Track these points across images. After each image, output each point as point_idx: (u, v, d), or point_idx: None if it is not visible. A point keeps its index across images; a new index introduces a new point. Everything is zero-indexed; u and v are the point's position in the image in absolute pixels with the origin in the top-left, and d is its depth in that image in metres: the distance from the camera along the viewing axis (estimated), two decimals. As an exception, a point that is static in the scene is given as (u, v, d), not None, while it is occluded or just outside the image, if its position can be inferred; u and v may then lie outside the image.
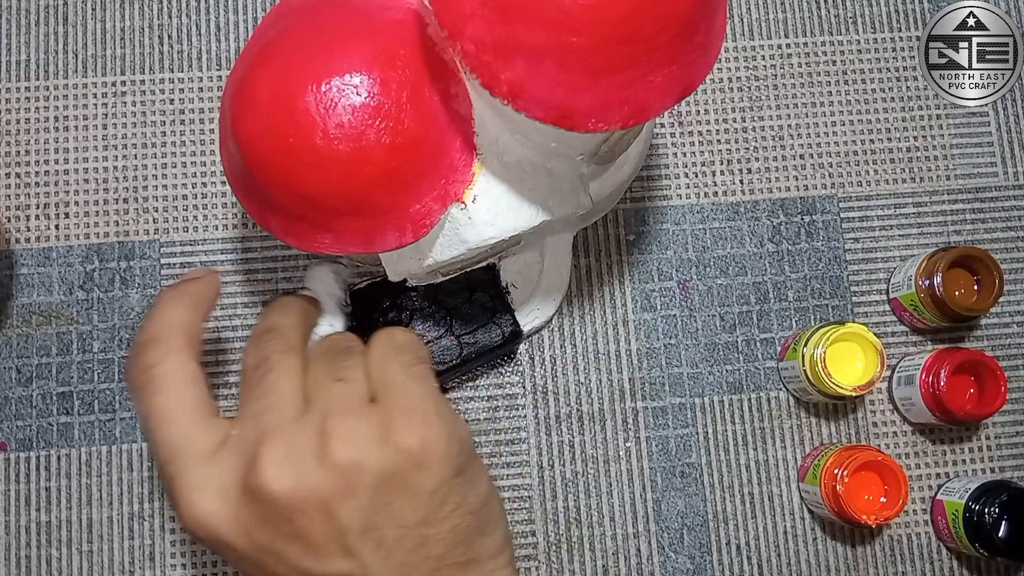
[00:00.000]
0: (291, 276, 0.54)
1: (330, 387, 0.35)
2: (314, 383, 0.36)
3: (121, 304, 0.54)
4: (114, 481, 0.52)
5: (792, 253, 0.56)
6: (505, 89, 0.35)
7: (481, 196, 0.41)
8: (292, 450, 0.33)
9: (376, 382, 0.36)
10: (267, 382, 0.35)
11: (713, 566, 0.53)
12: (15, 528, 0.51)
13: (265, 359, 0.37)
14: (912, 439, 0.55)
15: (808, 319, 0.56)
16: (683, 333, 0.55)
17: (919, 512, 0.54)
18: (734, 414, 0.54)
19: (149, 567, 0.51)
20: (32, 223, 0.54)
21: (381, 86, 0.37)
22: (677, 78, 0.36)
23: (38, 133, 0.55)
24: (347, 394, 0.35)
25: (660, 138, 0.57)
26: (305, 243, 0.41)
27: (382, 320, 0.52)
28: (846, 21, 0.59)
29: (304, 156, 0.37)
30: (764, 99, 0.58)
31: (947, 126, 0.58)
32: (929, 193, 0.57)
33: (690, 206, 0.56)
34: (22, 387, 0.53)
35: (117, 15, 0.57)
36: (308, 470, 0.32)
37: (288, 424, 0.33)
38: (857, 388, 0.50)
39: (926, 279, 0.52)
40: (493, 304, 0.52)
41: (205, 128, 0.56)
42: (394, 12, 0.39)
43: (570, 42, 0.33)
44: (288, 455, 0.32)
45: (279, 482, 0.32)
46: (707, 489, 0.53)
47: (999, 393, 0.50)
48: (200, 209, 0.55)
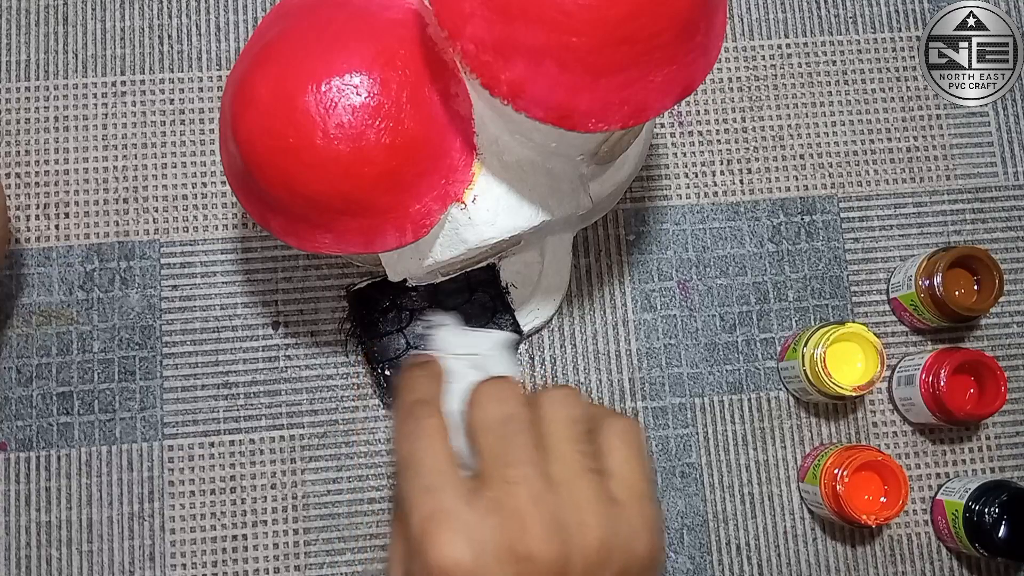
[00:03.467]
0: (291, 276, 0.54)
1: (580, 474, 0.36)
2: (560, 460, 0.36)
3: (121, 304, 0.54)
4: (114, 481, 0.52)
5: (792, 253, 0.56)
6: (505, 89, 0.35)
7: (481, 196, 0.41)
8: (560, 526, 0.34)
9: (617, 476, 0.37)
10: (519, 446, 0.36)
11: (713, 566, 0.53)
12: (15, 528, 0.51)
13: (512, 418, 0.36)
14: (912, 439, 0.55)
15: (808, 319, 0.56)
16: (683, 333, 0.55)
17: (919, 512, 0.54)
18: (734, 414, 0.54)
19: (149, 567, 0.51)
20: (32, 223, 0.54)
21: (381, 86, 0.37)
22: (677, 78, 0.36)
23: (38, 133, 0.55)
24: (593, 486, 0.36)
25: (660, 138, 0.57)
26: (305, 243, 0.41)
27: (382, 320, 0.52)
28: (846, 21, 0.59)
29: (304, 156, 0.37)
30: (764, 99, 0.58)
31: (947, 126, 0.58)
32: (929, 193, 0.57)
33: (690, 206, 0.56)
34: (22, 387, 0.53)
35: (117, 15, 0.57)
36: (575, 547, 0.34)
37: (547, 498, 0.34)
38: (857, 388, 0.50)
39: (926, 279, 0.52)
40: (493, 304, 0.52)
41: (205, 128, 0.56)
42: (394, 12, 0.39)
43: (570, 42, 0.33)
44: (558, 530, 0.34)
45: (548, 551, 0.33)
46: (707, 489, 0.53)
47: (999, 393, 0.50)
48: (200, 209, 0.55)
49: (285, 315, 0.54)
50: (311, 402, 0.53)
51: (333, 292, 0.54)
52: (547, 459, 0.35)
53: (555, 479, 0.35)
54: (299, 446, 0.53)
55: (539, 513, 0.33)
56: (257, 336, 0.54)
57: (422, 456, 0.36)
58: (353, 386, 0.53)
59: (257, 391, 0.53)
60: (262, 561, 0.52)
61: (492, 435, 0.36)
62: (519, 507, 0.33)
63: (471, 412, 0.36)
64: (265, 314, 0.54)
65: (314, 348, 0.54)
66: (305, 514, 0.52)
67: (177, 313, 0.54)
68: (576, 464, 0.35)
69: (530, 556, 0.33)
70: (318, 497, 0.52)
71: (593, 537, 0.34)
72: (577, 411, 0.37)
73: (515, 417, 0.36)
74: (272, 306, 0.54)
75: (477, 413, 0.36)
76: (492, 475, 0.35)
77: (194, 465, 0.52)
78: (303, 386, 0.53)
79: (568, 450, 0.36)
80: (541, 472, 0.35)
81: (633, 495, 0.36)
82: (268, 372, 0.53)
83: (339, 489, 0.52)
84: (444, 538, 0.33)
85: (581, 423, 0.36)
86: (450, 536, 0.33)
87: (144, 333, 0.53)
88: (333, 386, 0.53)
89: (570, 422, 0.36)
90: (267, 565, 0.52)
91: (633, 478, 0.36)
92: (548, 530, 0.33)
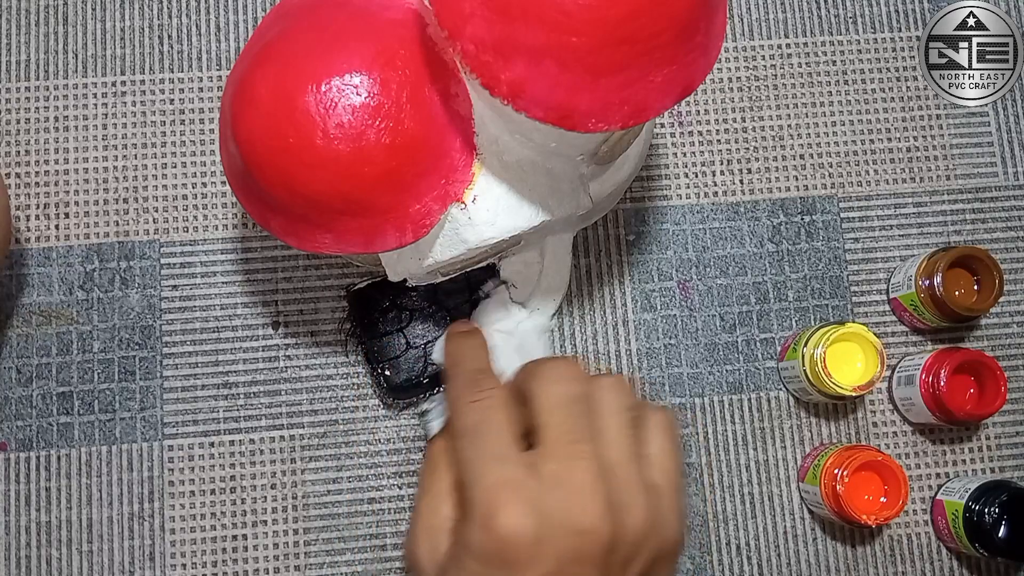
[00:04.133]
0: (291, 276, 0.54)
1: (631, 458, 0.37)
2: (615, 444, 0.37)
3: (121, 304, 0.54)
4: (114, 481, 0.52)
5: (792, 253, 0.56)
6: (505, 89, 0.35)
7: (481, 196, 0.41)
8: (615, 505, 0.35)
9: (656, 465, 0.38)
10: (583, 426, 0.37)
11: (713, 566, 0.53)
12: (15, 528, 0.51)
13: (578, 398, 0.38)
14: (912, 439, 0.55)
15: (808, 319, 0.56)
16: (683, 333, 0.55)
17: (919, 512, 0.54)
18: (734, 414, 0.54)
19: (149, 567, 0.51)
20: (32, 223, 0.54)
21: (381, 86, 0.37)
22: (677, 78, 0.36)
23: (38, 133, 0.55)
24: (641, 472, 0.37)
25: (660, 138, 0.57)
26: (305, 243, 0.41)
27: (382, 320, 0.52)
28: (846, 21, 0.59)
29: (304, 156, 0.37)
30: (764, 99, 0.58)
31: (947, 126, 0.58)
32: (929, 193, 0.57)
33: (690, 206, 0.56)
34: (22, 387, 0.53)
35: (117, 15, 0.57)
36: (626, 526, 0.35)
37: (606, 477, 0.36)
38: (857, 388, 0.50)
39: (926, 279, 0.52)
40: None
41: (205, 128, 0.56)
42: (394, 12, 0.39)
43: (570, 42, 0.33)
44: (613, 508, 0.35)
45: (604, 528, 0.34)
46: (707, 489, 0.53)
47: (999, 393, 0.50)
48: (200, 209, 0.55)
49: (285, 315, 0.54)
50: (311, 402, 0.53)
51: (333, 292, 0.54)
52: (602, 441, 0.37)
53: (610, 461, 0.36)
54: (299, 446, 0.53)
55: (599, 490, 0.35)
56: (257, 336, 0.54)
57: (489, 425, 0.37)
58: (353, 386, 0.53)
59: (257, 391, 0.53)
60: (262, 561, 0.52)
61: (561, 412, 0.37)
62: (583, 482, 0.35)
63: (541, 388, 0.38)
64: (265, 314, 0.54)
65: (314, 348, 0.54)
66: (305, 514, 0.52)
67: (177, 313, 0.54)
68: (628, 449, 0.37)
69: (588, 530, 0.34)
70: (318, 497, 0.52)
71: (640, 519, 0.35)
72: (628, 400, 0.39)
73: (581, 398, 0.38)
74: (272, 306, 0.54)
75: (548, 388, 0.38)
76: (557, 450, 0.36)
77: (194, 465, 0.52)
78: (303, 386, 0.53)
79: (622, 435, 0.37)
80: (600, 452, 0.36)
81: (670, 484, 0.38)
82: (268, 372, 0.53)
83: (339, 489, 0.52)
84: (512, 508, 0.34)
85: (631, 411, 0.38)
86: (518, 506, 0.34)
87: (144, 333, 0.53)
88: (333, 386, 0.53)
89: (623, 409, 0.38)
90: (267, 565, 0.52)
91: (671, 468, 0.38)
92: (605, 507, 0.34)
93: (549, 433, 0.36)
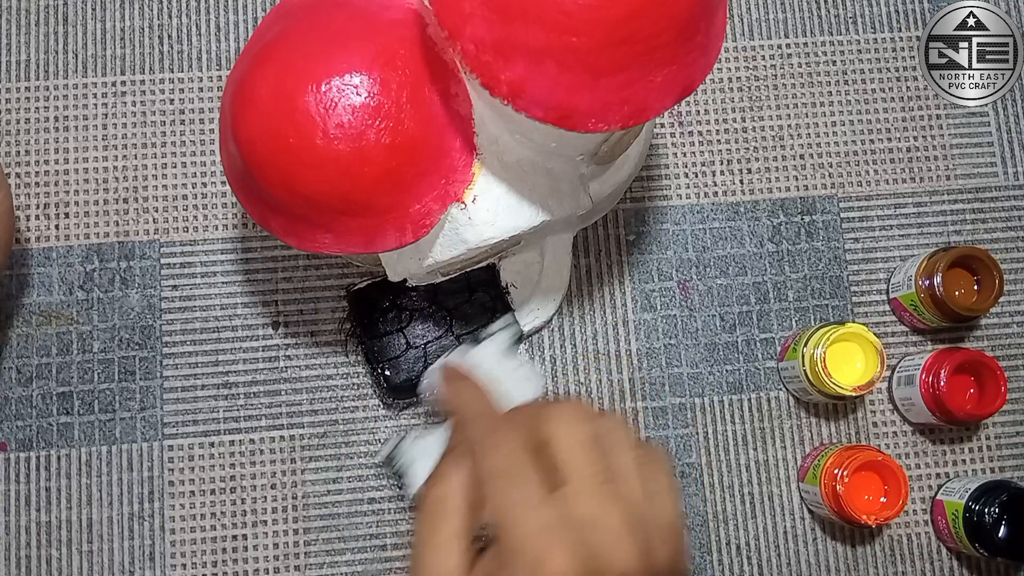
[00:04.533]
0: (291, 276, 0.54)
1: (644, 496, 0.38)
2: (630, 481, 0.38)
3: (121, 304, 0.54)
4: (114, 481, 0.52)
5: (792, 253, 0.56)
6: (505, 89, 0.35)
7: (481, 196, 0.41)
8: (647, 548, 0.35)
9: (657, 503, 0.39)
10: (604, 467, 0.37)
11: (713, 566, 0.53)
12: (15, 528, 0.51)
13: (598, 438, 0.38)
14: (912, 439, 0.55)
15: (808, 319, 0.56)
16: (683, 333, 0.55)
17: (919, 512, 0.54)
18: (734, 414, 0.54)
19: (149, 567, 0.51)
20: (32, 223, 0.54)
21: (381, 86, 0.37)
22: (677, 78, 0.36)
23: (38, 133, 0.55)
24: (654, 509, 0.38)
25: (660, 138, 0.57)
26: (305, 243, 0.41)
27: (382, 320, 0.52)
28: (846, 21, 0.59)
29: (304, 156, 0.37)
30: (764, 99, 0.58)
31: (947, 126, 0.58)
32: (929, 193, 0.57)
33: (690, 206, 0.56)
34: (22, 387, 0.53)
35: (117, 15, 0.57)
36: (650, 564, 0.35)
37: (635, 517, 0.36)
38: (857, 388, 0.50)
39: (926, 279, 0.52)
40: (493, 304, 0.52)
41: (205, 128, 0.56)
42: (394, 12, 0.39)
43: (570, 42, 0.33)
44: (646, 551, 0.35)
45: (637, 569, 0.35)
46: (707, 489, 0.53)
47: (999, 393, 0.50)
48: (200, 209, 0.55)
49: (285, 315, 0.54)
50: (311, 402, 0.53)
51: (333, 292, 0.54)
52: (621, 480, 0.37)
53: (632, 499, 0.37)
54: (299, 446, 0.53)
55: (632, 531, 0.35)
56: (257, 336, 0.54)
57: (521, 468, 0.37)
58: (353, 386, 0.53)
59: (257, 391, 0.53)
60: (262, 561, 0.52)
61: (585, 453, 0.37)
62: (619, 523, 0.35)
63: (560, 429, 0.38)
64: (265, 314, 0.54)
65: (314, 348, 0.54)
66: (305, 514, 0.52)
67: (177, 313, 0.54)
68: (641, 488, 0.38)
69: (628, 572, 0.35)
70: (318, 497, 0.52)
71: (666, 557, 0.36)
72: (632, 438, 0.39)
73: (598, 438, 0.38)
74: (272, 306, 0.54)
75: (567, 430, 0.38)
76: (586, 490, 0.36)
77: (194, 465, 0.52)
78: (303, 386, 0.53)
79: (635, 475, 0.38)
80: (622, 491, 0.37)
81: (679, 521, 0.39)
82: (268, 372, 0.53)
83: (339, 489, 0.52)
84: (560, 553, 0.34)
85: (635, 450, 0.39)
86: (566, 552, 0.34)
87: (144, 333, 0.53)
88: (333, 386, 0.53)
89: (632, 447, 0.38)
90: (267, 565, 0.52)
91: (671, 506, 0.39)
92: (638, 547, 0.35)
93: (575, 475, 0.37)
